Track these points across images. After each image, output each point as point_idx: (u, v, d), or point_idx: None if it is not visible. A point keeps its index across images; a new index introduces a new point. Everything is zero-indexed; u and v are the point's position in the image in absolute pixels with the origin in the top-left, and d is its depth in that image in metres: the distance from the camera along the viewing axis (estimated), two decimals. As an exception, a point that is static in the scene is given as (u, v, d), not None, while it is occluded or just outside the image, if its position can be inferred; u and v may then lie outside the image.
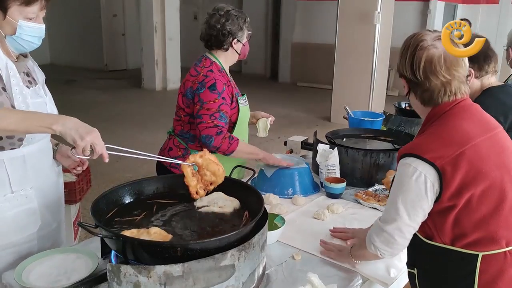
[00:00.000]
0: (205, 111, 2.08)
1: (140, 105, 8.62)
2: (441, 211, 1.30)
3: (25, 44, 1.51)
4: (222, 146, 2.08)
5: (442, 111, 1.35)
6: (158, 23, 9.91)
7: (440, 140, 1.30)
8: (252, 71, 12.76)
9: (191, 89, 2.14)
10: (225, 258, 1.19)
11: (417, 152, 1.29)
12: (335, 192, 2.11)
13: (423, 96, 1.37)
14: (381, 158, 2.23)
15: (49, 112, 1.60)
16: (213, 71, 2.15)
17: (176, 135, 2.27)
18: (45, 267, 1.38)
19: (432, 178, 1.26)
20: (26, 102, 1.50)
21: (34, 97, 1.56)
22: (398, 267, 1.53)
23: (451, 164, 1.25)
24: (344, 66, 7.46)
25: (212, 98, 2.09)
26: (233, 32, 2.17)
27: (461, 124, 1.32)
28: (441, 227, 1.32)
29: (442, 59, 1.31)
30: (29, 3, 1.45)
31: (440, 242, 1.33)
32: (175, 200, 1.55)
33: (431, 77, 1.33)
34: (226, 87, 2.16)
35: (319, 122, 7.68)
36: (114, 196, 1.50)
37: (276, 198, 2.04)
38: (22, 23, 1.46)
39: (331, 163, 2.17)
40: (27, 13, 1.46)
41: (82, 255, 1.43)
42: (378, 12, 7.00)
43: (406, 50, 1.36)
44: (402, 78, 1.41)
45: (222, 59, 2.23)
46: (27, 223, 1.58)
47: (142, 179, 1.61)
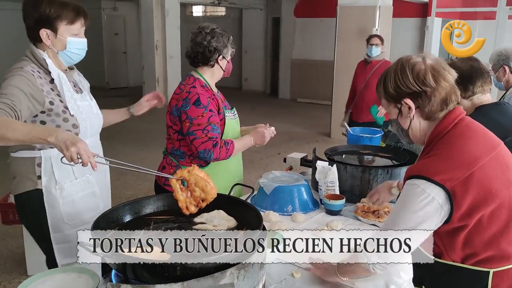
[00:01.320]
0: (196, 126, 2.11)
1: (141, 121, 8.62)
2: (450, 231, 1.30)
3: (74, 56, 1.84)
4: (221, 155, 2.12)
5: (446, 129, 1.35)
6: (159, 41, 10.03)
7: (449, 161, 1.28)
8: (253, 88, 12.86)
9: (176, 107, 2.17)
10: (224, 277, 1.20)
11: (426, 174, 1.27)
12: (335, 209, 2.12)
13: (433, 108, 1.35)
14: (380, 175, 2.24)
15: (95, 113, 1.96)
16: (195, 87, 2.18)
17: (169, 153, 2.30)
18: (46, 286, 1.38)
19: (441, 201, 1.25)
20: (77, 104, 1.84)
21: (82, 100, 1.88)
22: (398, 283, 1.54)
23: (461, 186, 1.24)
24: (343, 82, 7.50)
25: (200, 113, 2.12)
26: (219, 48, 2.21)
27: (467, 144, 1.31)
28: (450, 246, 1.32)
29: (440, 64, 1.35)
30: (73, 22, 1.79)
31: (450, 260, 1.33)
32: (174, 217, 1.56)
33: (441, 81, 1.33)
34: (211, 100, 2.19)
35: (319, 138, 7.71)
36: (114, 215, 1.51)
37: (275, 216, 2.05)
38: (70, 39, 1.80)
39: (330, 180, 2.19)
40: (73, 30, 1.80)
41: (83, 274, 1.44)
42: (376, 29, 7.09)
43: (402, 70, 1.36)
44: (405, 99, 1.36)
45: (207, 76, 2.26)
46: (93, 204, 1.92)
47: (142, 198, 1.63)
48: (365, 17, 7.15)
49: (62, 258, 1.88)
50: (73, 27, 1.79)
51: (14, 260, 3.41)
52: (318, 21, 11.10)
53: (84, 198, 1.89)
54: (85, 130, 1.85)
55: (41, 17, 1.76)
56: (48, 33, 1.77)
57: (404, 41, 9.72)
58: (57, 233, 1.86)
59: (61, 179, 1.83)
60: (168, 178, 1.56)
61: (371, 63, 4.64)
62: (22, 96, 1.66)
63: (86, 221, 1.84)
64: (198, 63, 2.25)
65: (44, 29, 1.76)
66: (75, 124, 1.82)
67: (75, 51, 1.83)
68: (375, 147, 2.79)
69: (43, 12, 1.75)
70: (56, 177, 1.82)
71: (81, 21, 1.81)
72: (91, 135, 1.90)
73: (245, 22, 12.97)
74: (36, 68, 1.77)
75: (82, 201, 1.89)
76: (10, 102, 1.61)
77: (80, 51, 1.84)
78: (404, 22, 9.87)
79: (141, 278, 1.25)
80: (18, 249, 3.52)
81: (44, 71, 1.79)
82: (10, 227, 3.50)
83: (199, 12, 14.52)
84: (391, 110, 1.43)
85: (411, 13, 10.06)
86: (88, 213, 1.88)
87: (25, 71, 1.72)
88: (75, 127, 1.82)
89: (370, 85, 4.50)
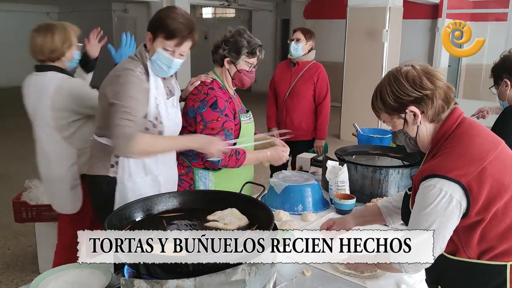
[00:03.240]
0: (209, 130, 2.09)
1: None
2: (468, 226, 1.31)
3: (157, 67, 1.90)
4: (230, 163, 2.11)
5: (450, 129, 1.37)
6: (169, 43, 10.07)
7: (461, 158, 1.30)
8: (262, 89, 12.84)
9: (192, 108, 2.15)
10: (236, 273, 1.20)
11: (440, 172, 1.28)
12: (345, 208, 2.12)
13: (436, 109, 1.37)
14: (391, 175, 2.24)
15: (177, 121, 2.06)
16: (214, 88, 2.16)
17: (181, 153, 2.28)
18: (60, 282, 1.40)
19: (458, 196, 1.27)
20: (167, 110, 1.95)
21: (170, 107, 1.99)
22: (409, 283, 1.53)
23: (476, 180, 1.26)
24: (353, 84, 7.51)
25: (215, 117, 2.10)
26: (227, 49, 2.17)
27: (475, 141, 1.34)
28: (467, 242, 1.33)
29: (430, 70, 1.38)
30: (168, 38, 1.85)
31: (466, 257, 1.34)
32: (186, 214, 1.57)
33: (437, 81, 1.36)
34: (228, 104, 2.17)
35: (328, 139, 7.64)
36: (126, 213, 1.53)
37: (286, 215, 2.05)
38: (159, 51, 1.87)
39: (341, 179, 2.19)
40: (165, 45, 1.86)
41: (96, 270, 1.46)
42: (386, 30, 7.07)
43: (397, 80, 1.38)
44: (409, 107, 1.38)
45: (222, 77, 2.25)
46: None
47: (154, 195, 1.64)
48: (375, 18, 7.13)
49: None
50: (166, 42, 1.85)
51: (26, 258, 3.45)
52: (327, 22, 11.09)
53: (151, 193, 1.94)
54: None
55: (153, 19, 1.89)
56: (151, 37, 1.88)
57: (414, 42, 9.69)
58: None
59: (134, 174, 1.95)
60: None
61: (298, 65, 3.58)
62: (140, 106, 1.81)
63: None
64: (212, 59, 2.26)
65: (150, 32, 1.88)
66: (161, 131, 1.92)
67: (159, 64, 1.88)
68: (385, 147, 2.78)
69: (158, 16, 1.89)
70: (131, 171, 1.94)
71: (175, 41, 1.85)
72: None
73: (254, 24, 12.99)
74: (143, 70, 1.88)
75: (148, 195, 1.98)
76: (134, 118, 1.76)
77: (163, 66, 1.89)
78: (414, 23, 9.83)
79: (153, 274, 1.26)
80: (30, 247, 3.56)
81: (147, 73, 1.90)
82: (23, 225, 3.54)
83: (208, 14, 14.59)
84: (395, 122, 1.44)
85: (422, 14, 10.02)
86: None
87: (136, 75, 1.84)
88: (160, 134, 1.92)
89: (297, 93, 3.53)
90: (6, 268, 3.34)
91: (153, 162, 1.98)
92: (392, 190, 2.25)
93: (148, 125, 1.89)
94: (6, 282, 3.16)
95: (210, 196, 1.70)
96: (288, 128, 3.32)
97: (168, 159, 2.08)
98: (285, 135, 2.42)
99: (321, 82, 3.59)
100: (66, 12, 13.07)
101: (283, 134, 2.44)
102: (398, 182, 2.25)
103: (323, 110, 3.61)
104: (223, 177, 2.23)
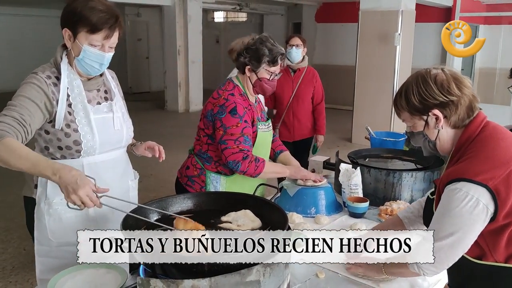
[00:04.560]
0: (229, 136, 2.10)
1: (163, 126, 8.79)
2: (495, 230, 1.30)
3: (88, 67, 1.65)
4: (249, 170, 2.11)
5: (474, 133, 1.36)
6: (181, 47, 10.17)
7: (487, 161, 1.29)
8: (273, 93, 12.85)
9: (212, 112, 2.16)
10: (250, 274, 1.21)
11: (467, 176, 1.27)
12: (359, 211, 2.12)
13: (460, 116, 1.36)
14: (404, 178, 2.23)
15: (116, 129, 1.77)
16: (234, 94, 2.17)
17: (195, 154, 2.30)
18: (76, 281, 1.42)
19: (485, 200, 1.25)
20: (88, 118, 1.68)
21: (97, 113, 1.71)
22: (423, 286, 1.52)
23: (503, 183, 1.25)
24: (365, 87, 7.49)
25: (235, 123, 2.11)
26: (248, 57, 2.16)
27: (500, 144, 1.32)
28: (494, 245, 1.31)
29: (459, 74, 1.37)
30: (93, 32, 1.59)
31: (493, 260, 1.32)
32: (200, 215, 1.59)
33: (464, 89, 1.36)
34: (247, 111, 2.17)
35: (340, 143, 7.68)
36: (142, 213, 1.54)
37: (299, 217, 2.06)
38: (86, 48, 1.61)
39: (354, 182, 2.18)
40: (91, 40, 1.60)
41: (111, 270, 1.47)
42: (398, 33, 7.05)
43: (425, 82, 1.37)
44: (433, 110, 1.37)
45: (244, 84, 2.24)
46: (83, 227, 1.61)
47: (169, 196, 1.66)
48: (387, 22, 7.11)
49: (41, 272, 1.74)
50: (92, 37, 1.60)
51: (41, 259, 3.49)
52: (339, 26, 11.08)
53: (74, 219, 1.71)
54: (91, 147, 1.69)
55: (66, 14, 1.61)
56: (70, 34, 1.62)
57: (427, 46, 9.63)
58: (41, 245, 1.73)
59: (51, 195, 1.68)
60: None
61: (298, 71, 3.81)
62: (33, 108, 1.56)
63: (72, 243, 1.55)
64: (236, 66, 2.26)
65: (67, 29, 1.61)
66: (77, 140, 1.66)
67: (89, 62, 1.64)
68: (398, 150, 2.77)
69: (71, 9, 1.60)
70: (48, 191, 1.68)
71: (103, 33, 1.61)
72: (103, 151, 1.74)
73: (266, 27, 13.04)
74: (55, 74, 1.66)
75: (71, 221, 1.71)
76: (19, 116, 1.51)
77: (94, 63, 1.65)
78: (427, 27, 9.77)
79: (169, 274, 1.28)
80: (44, 248, 3.60)
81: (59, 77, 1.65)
82: (37, 226, 3.59)
83: (220, 18, 14.67)
84: (416, 123, 1.43)
85: (434, 17, 9.95)
86: (75, 236, 1.55)
87: (38, 78, 1.61)
88: (76, 144, 1.67)
89: (301, 96, 3.80)
90: (21, 268, 3.39)
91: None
92: (406, 194, 2.24)
93: (60, 134, 1.65)
94: (21, 282, 3.20)
95: (224, 197, 1.71)
96: (296, 128, 3.84)
97: (105, 175, 1.74)
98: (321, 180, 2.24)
99: (318, 85, 3.93)
100: (80, 17, 13.16)
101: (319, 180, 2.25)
102: (411, 186, 2.24)
103: (322, 109, 3.98)
104: (235, 182, 2.24)
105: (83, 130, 1.67)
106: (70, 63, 1.67)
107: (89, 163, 1.71)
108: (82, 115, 1.67)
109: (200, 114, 2.31)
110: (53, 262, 1.71)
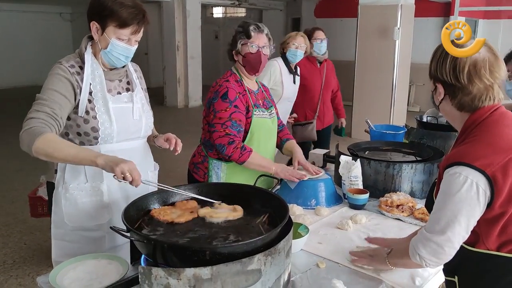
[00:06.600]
0: (218, 119, 2.17)
1: (163, 122, 8.77)
2: (490, 218, 1.29)
3: (114, 59, 1.74)
4: (234, 155, 2.15)
5: (481, 117, 1.34)
6: (180, 42, 10.15)
7: (488, 147, 1.27)
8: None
9: (209, 99, 2.26)
10: (252, 262, 1.22)
11: (466, 160, 1.26)
12: (359, 203, 2.12)
13: (463, 101, 1.35)
14: (404, 170, 2.23)
15: (135, 119, 1.83)
16: (229, 81, 2.24)
17: (202, 143, 2.39)
18: (78, 271, 1.43)
19: (483, 186, 1.24)
20: (107, 106, 1.74)
21: (116, 102, 1.77)
22: (424, 276, 1.53)
23: (501, 171, 1.24)
24: (364, 82, 7.48)
25: (224, 107, 2.17)
26: (231, 43, 2.29)
27: (505, 131, 1.31)
28: (487, 234, 1.31)
29: (486, 62, 1.30)
30: (122, 27, 1.68)
31: (485, 248, 1.32)
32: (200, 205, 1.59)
33: (475, 81, 1.31)
34: (241, 96, 2.22)
35: (340, 137, 7.65)
36: (143, 203, 1.55)
37: (299, 209, 2.06)
38: (114, 41, 1.69)
39: (354, 174, 2.19)
40: (120, 34, 1.69)
41: (113, 261, 1.48)
42: (398, 28, 7.03)
43: (445, 54, 1.34)
44: (438, 83, 1.37)
45: (239, 70, 2.32)
46: (98, 214, 1.78)
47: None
48: (386, 16, 7.10)
49: (57, 255, 1.81)
50: (121, 31, 1.69)
51: (42, 253, 3.50)
52: (338, 21, 11.06)
53: (89, 204, 1.77)
54: (109, 134, 1.74)
55: (95, 8, 1.69)
56: (98, 28, 1.70)
57: (426, 40, 9.61)
58: (57, 229, 1.80)
59: (69, 179, 1.75)
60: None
61: (325, 61, 4.10)
62: (62, 100, 1.64)
63: (87, 228, 1.78)
64: (229, 59, 2.35)
65: (95, 22, 1.69)
66: (95, 127, 1.72)
67: (116, 55, 1.73)
68: (398, 143, 2.78)
69: (100, 3, 1.67)
70: (65, 176, 1.75)
71: (132, 28, 1.70)
72: (120, 140, 1.79)
73: (265, 23, 12.89)
74: (79, 63, 1.73)
75: (86, 206, 1.77)
76: (51, 111, 1.60)
77: (121, 56, 1.74)
78: (426, 21, 9.76)
79: (170, 263, 1.28)
80: (45, 242, 3.61)
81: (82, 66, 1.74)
82: (38, 221, 3.60)
83: (219, 13, 14.63)
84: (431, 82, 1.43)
85: (434, 12, 9.94)
86: (90, 221, 1.78)
87: (62, 68, 1.68)
88: (94, 131, 1.72)
89: (329, 86, 4.06)
90: (22, 262, 3.40)
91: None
92: (405, 185, 2.24)
93: (79, 121, 1.72)
94: (22, 275, 3.21)
95: (225, 188, 1.72)
96: (326, 116, 4.06)
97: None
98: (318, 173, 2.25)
99: (335, 75, 4.24)
100: (79, 13, 13.16)
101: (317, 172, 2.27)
102: (411, 177, 2.24)
103: (340, 96, 4.26)
104: (235, 169, 2.28)
105: (101, 118, 1.73)
106: (94, 54, 1.75)
107: (107, 150, 1.72)
108: (101, 103, 1.73)
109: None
110: (68, 246, 1.79)
